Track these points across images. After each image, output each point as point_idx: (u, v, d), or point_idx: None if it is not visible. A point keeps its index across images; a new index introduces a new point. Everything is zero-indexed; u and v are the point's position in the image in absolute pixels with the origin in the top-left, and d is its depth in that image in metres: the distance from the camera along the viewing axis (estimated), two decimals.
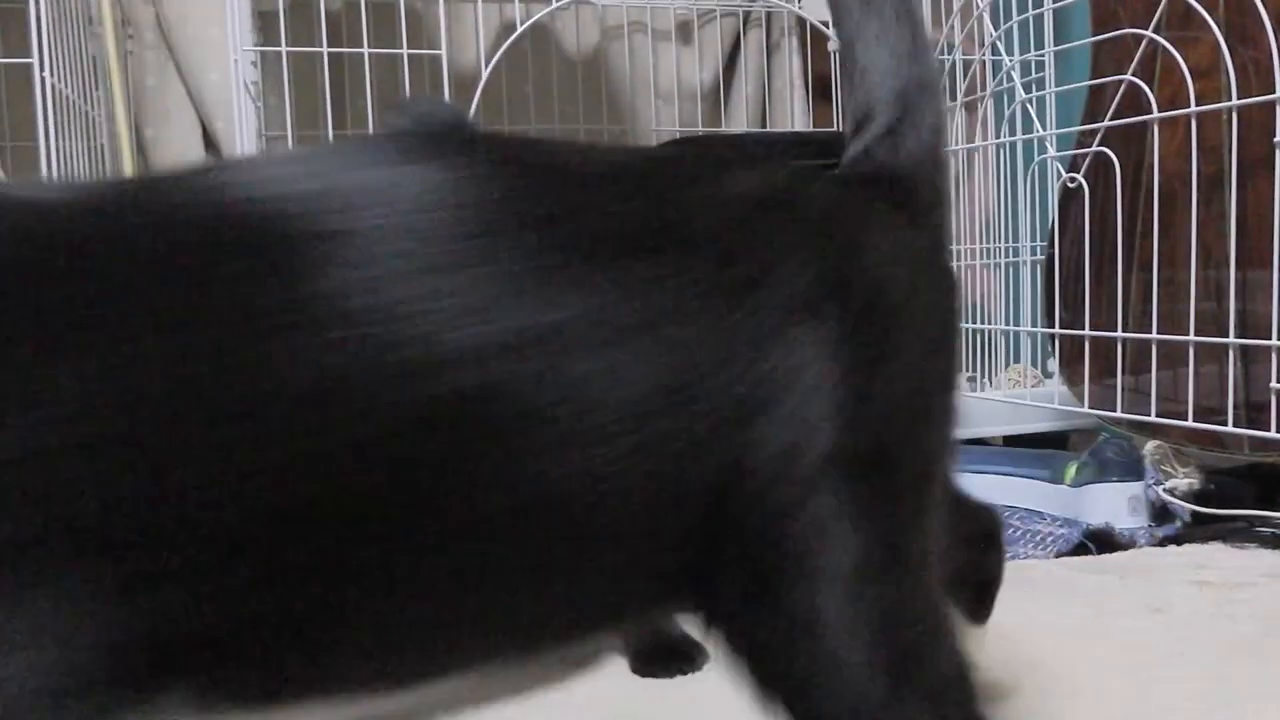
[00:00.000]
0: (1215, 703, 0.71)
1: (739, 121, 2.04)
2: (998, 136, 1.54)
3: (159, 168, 1.78)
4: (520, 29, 1.52)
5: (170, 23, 1.77)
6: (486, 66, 1.48)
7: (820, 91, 2.07)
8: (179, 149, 1.79)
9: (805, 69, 2.07)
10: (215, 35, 1.74)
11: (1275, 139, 1.01)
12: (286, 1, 1.44)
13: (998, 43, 1.45)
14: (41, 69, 1.31)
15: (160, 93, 1.79)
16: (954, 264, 1.54)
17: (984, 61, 1.57)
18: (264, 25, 1.60)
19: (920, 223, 0.50)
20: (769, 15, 2.05)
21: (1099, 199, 1.30)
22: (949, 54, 1.55)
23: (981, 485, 1.31)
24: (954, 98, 1.55)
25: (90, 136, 1.53)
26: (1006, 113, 1.49)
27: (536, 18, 1.56)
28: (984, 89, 1.58)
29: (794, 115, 2.05)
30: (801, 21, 2.02)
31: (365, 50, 1.44)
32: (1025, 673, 0.77)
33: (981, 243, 1.62)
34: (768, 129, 2.04)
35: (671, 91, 1.99)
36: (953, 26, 1.53)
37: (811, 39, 2.04)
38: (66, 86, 1.42)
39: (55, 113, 1.33)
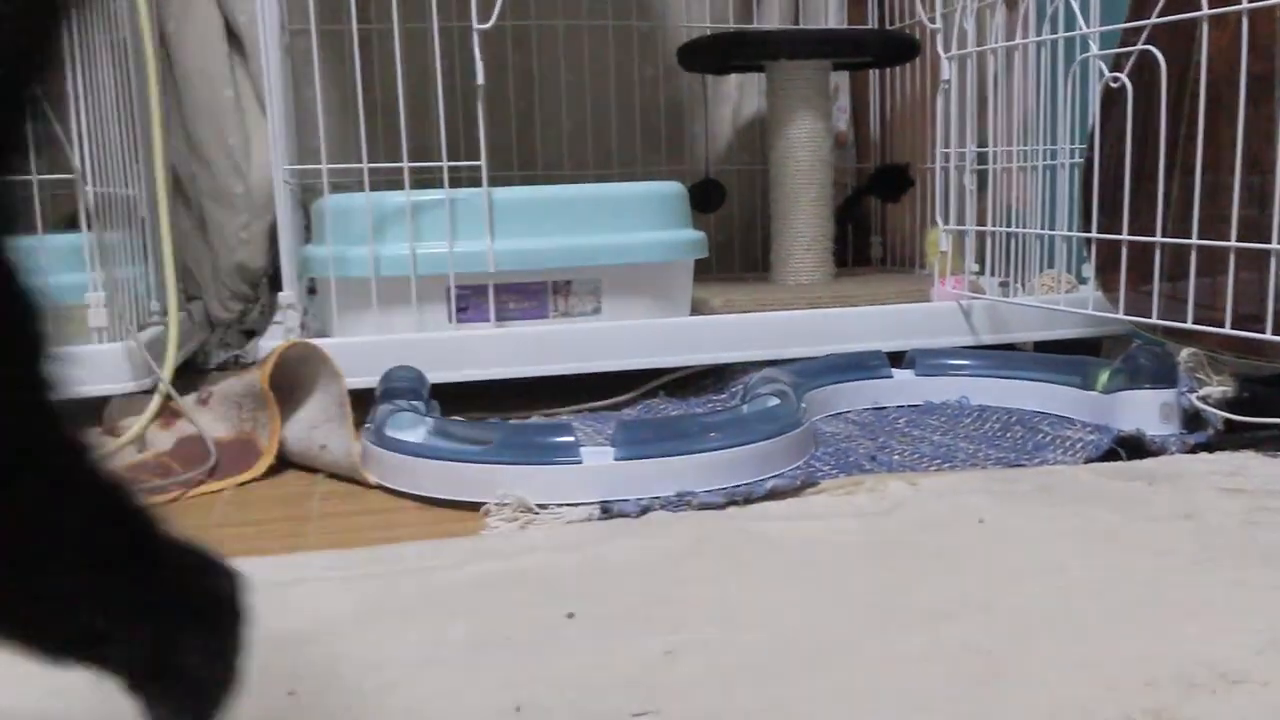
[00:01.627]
0: (1240, 608, 0.71)
1: (771, 18, 1.99)
2: (1038, 34, 1.50)
3: (182, 65, 1.76)
4: None
5: None
6: None
7: None
8: (200, 43, 1.76)
9: None
10: None
11: None
12: None
13: None
14: None
15: None
16: (990, 166, 1.50)
17: None
18: None
19: None
20: None
21: (1142, 100, 1.27)
22: None
23: (1011, 391, 1.30)
24: None
25: (113, 30, 1.50)
26: (1049, 9, 1.45)
27: None
28: None
29: (828, 12, 2.00)
30: None
31: None
32: (1049, 576, 0.78)
33: (1019, 145, 1.58)
34: (800, 26, 1.99)
35: None
36: None
37: None
38: None
39: (76, 6, 1.31)
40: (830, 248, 1.71)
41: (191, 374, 1.66)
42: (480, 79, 1.34)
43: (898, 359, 1.38)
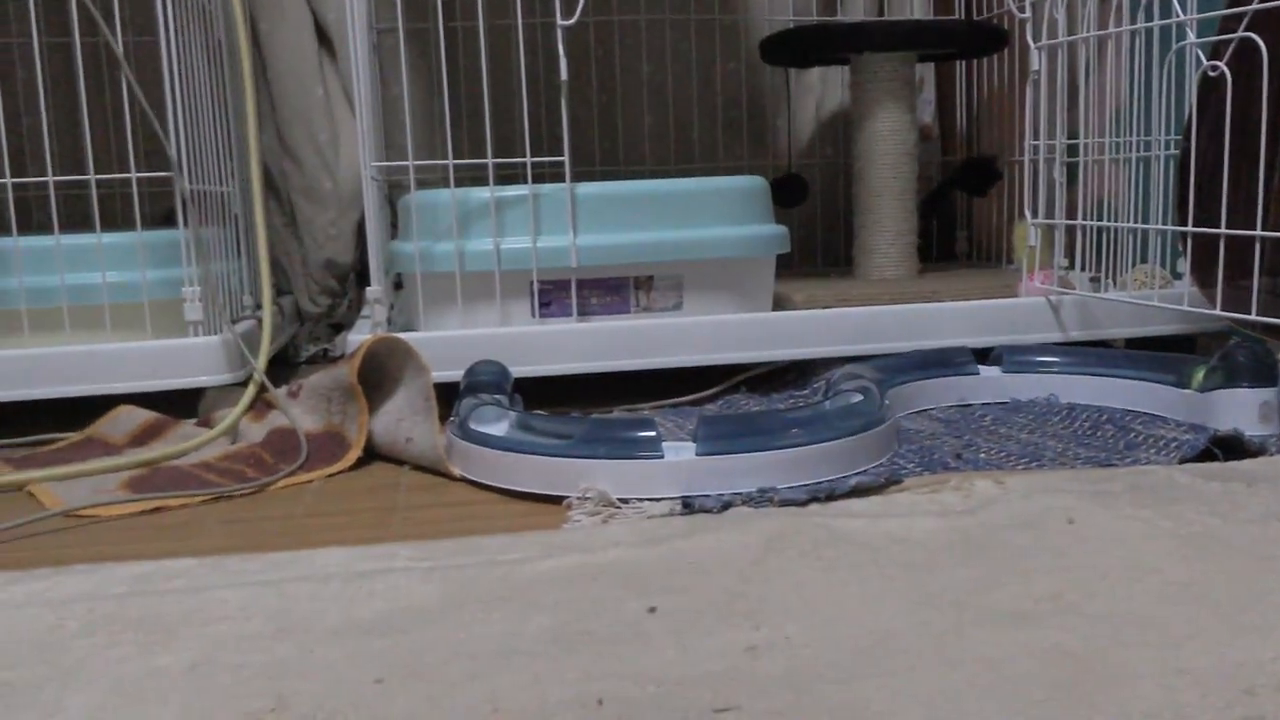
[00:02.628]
0: None
1: (855, 9, 1.97)
2: (1133, 22, 1.46)
3: (274, 65, 1.80)
4: None
5: None
6: None
7: None
8: (293, 44, 1.80)
9: None
10: None
11: None
12: None
13: None
14: None
15: None
16: (1081, 159, 1.47)
17: None
18: None
19: None
20: None
21: (1242, 89, 1.23)
22: None
23: (1102, 389, 1.27)
24: None
25: (208, 31, 1.55)
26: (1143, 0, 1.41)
27: None
28: None
29: (913, 3, 1.97)
30: None
31: None
32: (1142, 579, 0.76)
33: (1111, 136, 1.55)
34: (884, 17, 1.97)
35: None
36: None
37: None
38: None
39: (174, 8, 1.35)
40: (914, 242, 1.69)
41: (281, 367, 1.70)
42: (564, 75, 1.35)
43: (984, 355, 1.36)
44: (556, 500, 0.99)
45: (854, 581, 0.77)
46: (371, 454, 1.17)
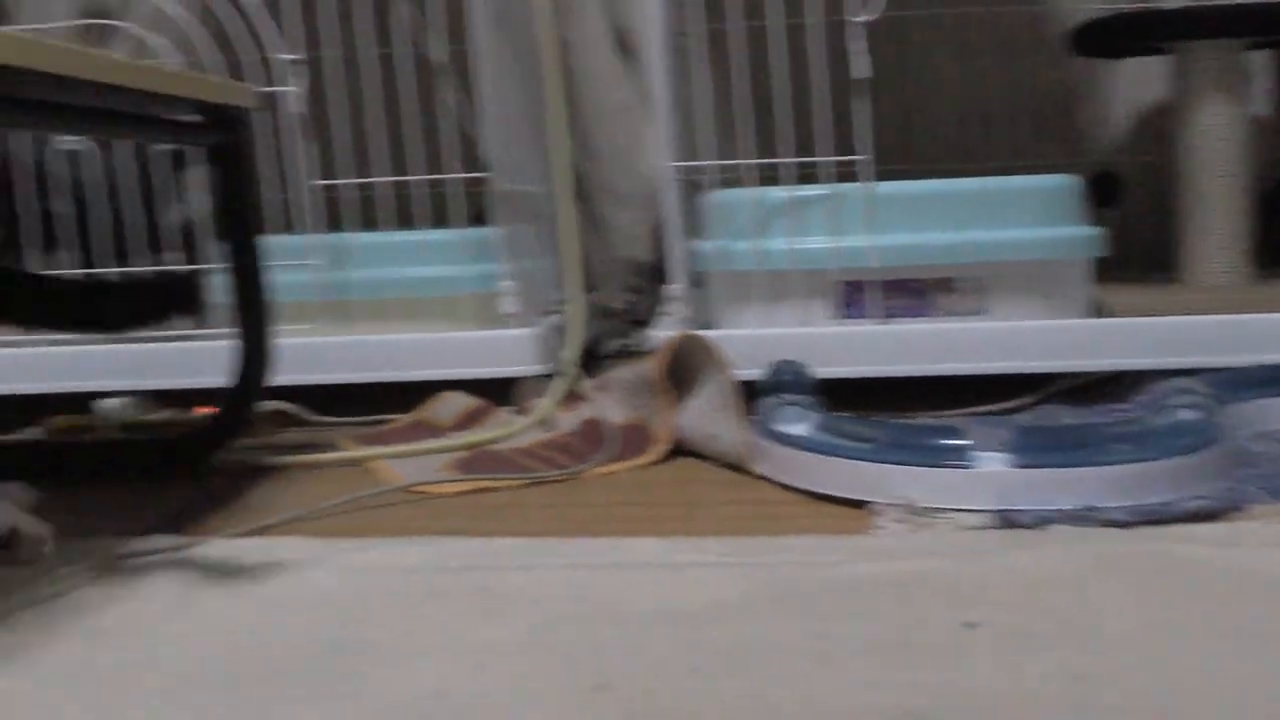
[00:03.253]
0: None
1: None
2: None
3: (577, 69, 1.87)
4: None
5: None
6: None
7: None
8: (592, 47, 1.87)
9: None
10: None
11: None
12: None
13: None
14: None
15: None
16: None
17: None
18: None
19: None
20: None
21: None
22: None
23: None
24: None
25: (515, 39, 1.62)
26: None
27: None
28: None
29: None
30: None
31: None
32: None
33: None
34: (1211, 1, 1.83)
35: None
36: None
37: None
38: None
39: (488, 16, 1.43)
40: (1248, 246, 1.56)
41: (588, 361, 1.77)
42: (863, 72, 1.33)
43: None
44: (858, 505, 0.98)
45: (1197, 615, 0.72)
46: (677, 448, 1.20)
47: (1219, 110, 1.53)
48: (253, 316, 1.15)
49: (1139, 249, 1.87)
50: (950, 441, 0.97)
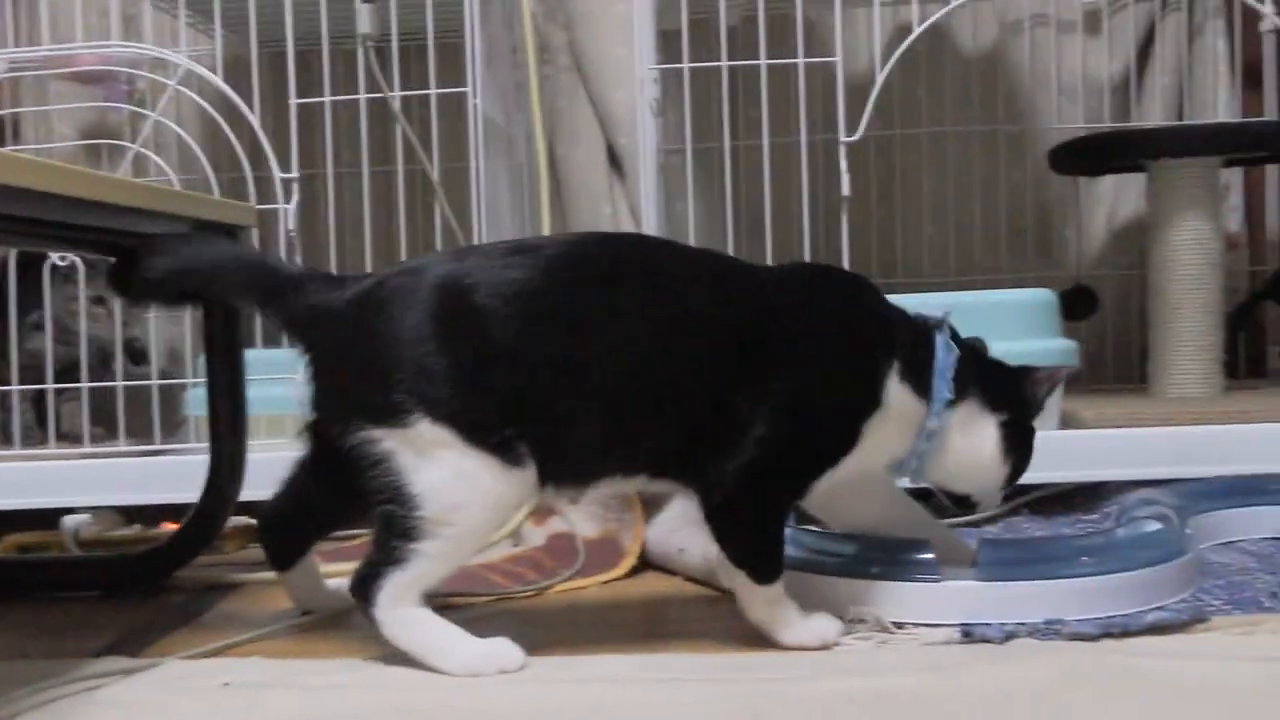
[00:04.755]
0: None
1: (1152, 115, 1.89)
2: None
3: (568, 184, 1.92)
4: (917, 30, 1.49)
5: (581, 46, 1.90)
6: (881, 71, 1.47)
7: (1249, 77, 1.88)
8: (585, 165, 1.91)
9: (1232, 53, 1.88)
10: (622, 56, 1.84)
11: None
12: (687, 20, 1.50)
13: None
14: (474, 96, 1.46)
15: (570, 113, 1.92)
16: None
17: None
18: (665, 44, 1.68)
19: None
20: None
21: None
22: None
23: None
24: None
25: (510, 156, 1.67)
26: None
27: (934, 18, 1.53)
28: None
29: (1218, 105, 1.87)
30: (1229, 2, 1.84)
31: (762, 61, 1.47)
32: None
33: None
34: (1185, 122, 1.87)
35: (1076, 87, 1.88)
36: None
37: (1242, 20, 1.85)
38: (493, 111, 1.56)
39: (485, 135, 1.47)
40: (1220, 358, 1.57)
41: None
42: (846, 190, 1.36)
43: None
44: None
45: None
46: (646, 562, 1.19)
47: (1192, 225, 1.56)
48: (228, 431, 1.15)
49: (1111, 361, 1.88)
50: (917, 555, 0.97)
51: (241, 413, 1.16)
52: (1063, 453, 1.33)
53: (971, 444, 0.94)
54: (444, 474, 0.85)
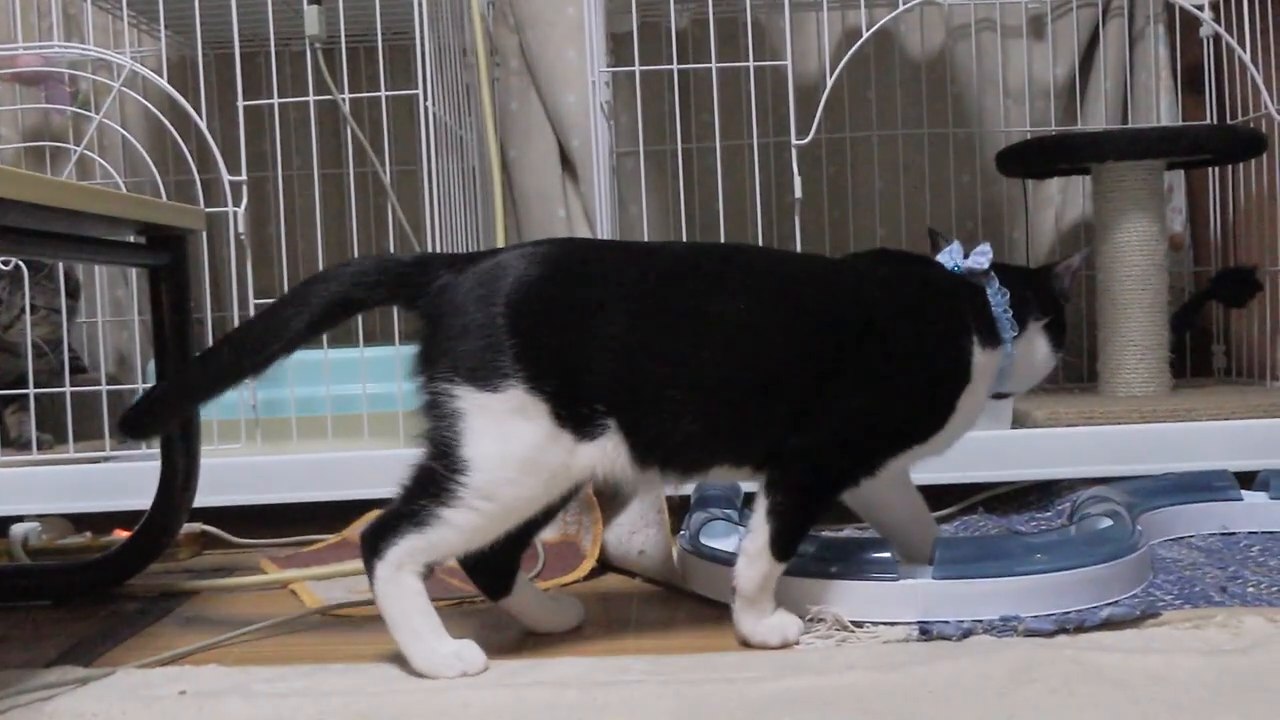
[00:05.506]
0: None
1: (1096, 119, 1.92)
2: None
3: (521, 187, 1.91)
4: (865, 35, 1.50)
5: (533, 49, 1.89)
6: (830, 74, 1.48)
7: (1189, 82, 1.91)
8: (538, 168, 1.91)
9: (1173, 58, 1.92)
10: (573, 58, 1.84)
11: None
12: (638, 23, 1.50)
13: None
14: (425, 99, 1.45)
15: (522, 115, 1.92)
16: None
17: None
18: (616, 47, 1.68)
19: None
20: (1132, 3, 1.91)
21: None
22: None
23: None
24: None
25: (462, 158, 1.66)
26: None
27: (882, 23, 1.54)
28: None
29: (1160, 109, 1.91)
30: (1170, 7, 1.87)
31: (713, 65, 1.48)
32: None
33: None
34: (1129, 125, 1.91)
35: (1022, 90, 1.91)
36: None
37: (1181, 25, 1.89)
38: (445, 113, 1.55)
39: (436, 138, 1.47)
40: (1166, 357, 1.60)
41: None
42: (798, 193, 1.37)
43: (1247, 480, 1.26)
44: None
45: None
46: (605, 565, 1.19)
47: (1137, 227, 1.59)
48: (180, 436, 1.14)
49: (1060, 361, 1.91)
50: (875, 554, 0.98)
51: (194, 418, 1.14)
52: (1016, 452, 1.35)
53: (1031, 357, 1.01)
54: (508, 446, 0.86)
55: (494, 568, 0.96)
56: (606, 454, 0.88)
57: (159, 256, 1.12)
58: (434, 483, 0.87)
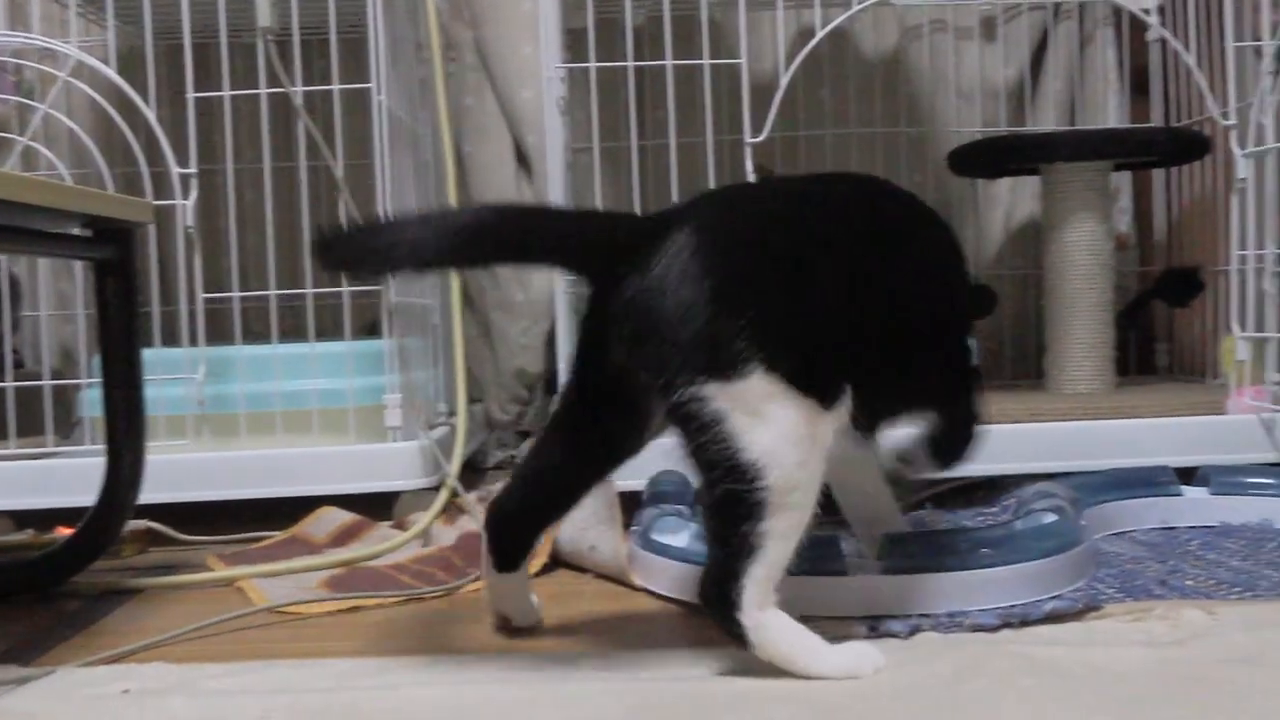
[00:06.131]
0: None
1: (1045, 120, 1.95)
2: None
3: (475, 183, 1.90)
4: (819, 34, 1.51)
5: (488, 44, 1.88)
6: (785, 73, 1.49)
7: (1137, 85, 1.94)
8: (493, 164, 1.90)
9: (1121, 61, 1.95)
10: (528, 54, 1.84)
11: None
12: (594, 19, 1.50)
13: None
14: (379, 93, 1.44)
15: (477, 110, 1.91)
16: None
17: None
18: (572, 43, 1.68)
19: None
20: (1082, 6, 1.94)
21: None
22: None
23: None
24: None
25: (416, 153, 1.65)
26: None
27: (836, 23, 1.55)
28: None
29: (1108, 111, 1.93)
30: (1118, 10, 1.90)
31: (668, 62, 1.48)
32: None
33: None
34: (1078, 127, 1.94)
35: (973, 91, 1.93)
36: None
37: (1129, 29, 1.92)
38: (398, 108, 1.54)
39: (389, 132, 1.46)
40: (1111, 355, 1.62)
41: (471, 473, 1.75)
42: None
43: (1188, 476, 1.29)
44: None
45: (1054, 715, 0.74)
46: (556, 561, 1.19)
47: (1084, 227, 1.61)
48: (126, 432, 1.12)
49: (1008, 358, 1.94)
50: (824, 550, 0.99)
51: (139, 414, 1.12)
52: None
53: None
54: (780, 430, 0.78)
55: (519, 539, 0.93)
56: (842, 419, 0.84)
57: (105, 250, 1.10)
58: (738, 503, 0.79)
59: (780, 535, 0.80)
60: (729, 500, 0.79)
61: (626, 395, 0.85)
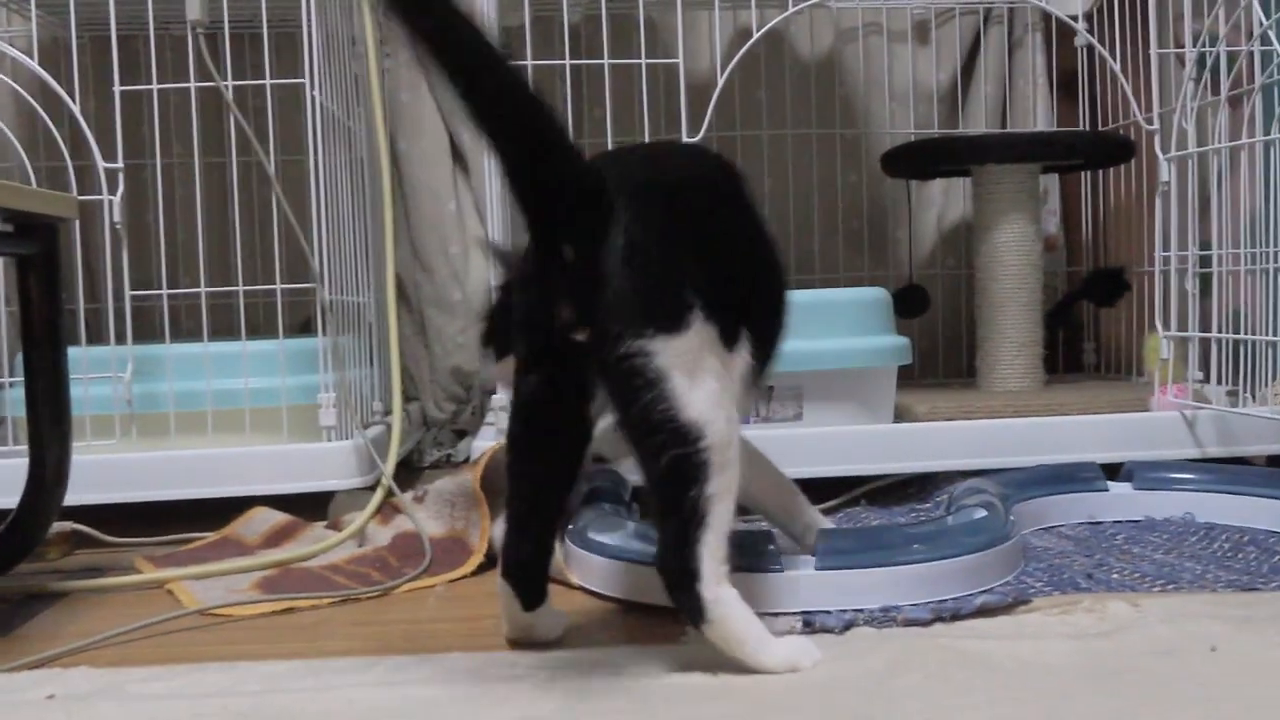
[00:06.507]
0: None
1: (977, 122, 1.98)
2: (1266, 133, 1.43)
3: (411, 180, 1.88)
4: (756, 35, 1.52)
5: None
6: (721, 73, 1.50)
7: (1065, 89, 1.98)
8: (429, 160, 1.88)
9: (1050, 66, 1.99)
10: None
11: None
12: (530, 17, 1.50)
13: (1269, 33, 1.35)
14: (312, 88, 1.42)
15: (413, 107, 1.89)
16: (1215, 270, 1.44)
17: (1252, 53, 1.46)
18: (508, 40, 1.67)
19: None
20: (1011, 11, 1.98)
21: None
22: (1212, 46, 1.46)
23: (1242, 508, 1.22)
24: (1218, 92, 1.45)
25: (350, 149, 1.63)
26: (1277, 110, 1.38)
27: (772, 24, 1.56)
28: (1251, 82, 1.47)
29: (1037, 115, 1.97)
30: (1046, 17, 1.94)
31: (605, 61, 1.48)
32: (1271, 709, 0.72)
33: (1245, 247, 1.51)
34: (1008, 130, 1.97)
35: (907, 93, 1.95)
36: (1216, 17, 1.43)
37: (1057, 35, 1.96)
38: (332, 103, 1.52)
39: (323, 128, 1.44)
40: (1040, 354, 1.66)
41: (406, 472, 1.74)
42: None
43: (1114, 471, 1.32)
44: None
45: (986, 707, 0.75)
46: (494, 559, 1.19)
47: (1014, 228, 1.64)
48: (50, 432, 1.10)
49: (941, 357, 1.97)
50: (759, 547, 0.99)
51: (64, 413, 1.10)
52: (897, 445, 1.39)
53: None
54: (711, 387, 0.80)
55: (540, 576, 0.90)
56: (745, 364, 0.85)
57: (28, 245, 1.08)
58: (685, 468, 0.79)
59: (722, 496, 0.80)
60: (676, 466, 0.79)
61: (570, 371, 0.84)
